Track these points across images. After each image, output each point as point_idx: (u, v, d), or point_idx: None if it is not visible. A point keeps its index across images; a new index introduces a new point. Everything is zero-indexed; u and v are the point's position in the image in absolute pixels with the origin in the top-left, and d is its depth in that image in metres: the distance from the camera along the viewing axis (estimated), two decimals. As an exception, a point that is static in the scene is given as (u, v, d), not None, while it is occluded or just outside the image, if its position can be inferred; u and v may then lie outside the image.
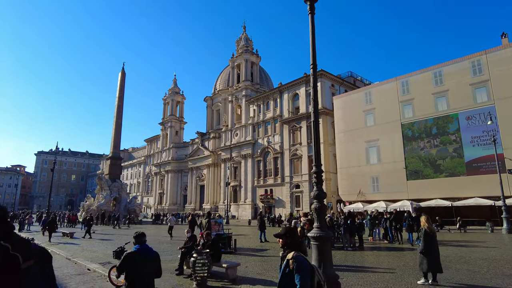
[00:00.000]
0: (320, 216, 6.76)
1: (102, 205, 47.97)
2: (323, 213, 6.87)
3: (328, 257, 6.60)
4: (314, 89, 7.40)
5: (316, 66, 7.45)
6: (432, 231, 8.86)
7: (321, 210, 6.76)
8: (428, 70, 40.06)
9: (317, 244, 6.54)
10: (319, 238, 6.50)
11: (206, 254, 8.18)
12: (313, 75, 7.42)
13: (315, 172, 6.98)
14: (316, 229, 6.68)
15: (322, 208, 6.77)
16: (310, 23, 7.49)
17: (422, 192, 37.21)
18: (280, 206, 54.49)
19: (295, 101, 56.24)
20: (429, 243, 8.58)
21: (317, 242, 6.55)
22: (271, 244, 18.81)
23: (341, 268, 10.84)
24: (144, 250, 4.69)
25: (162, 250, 16.92)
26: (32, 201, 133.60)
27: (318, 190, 6.86)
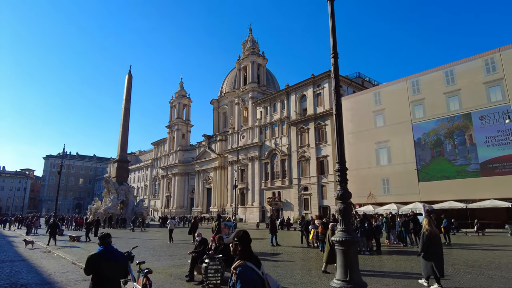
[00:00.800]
0: (345, 218, 6.17)
1: (109, 208, 47.73)
2: (349, 214, 6.27)
3: (355, 263, 6.00)
4: (336, 80, 6.84)
5: (337, 56, 6.89)
6: (433, 234, 8.56)
7: (346, 211, 6.17)
8: (439, 69, 39.15)
9: (342, 249, 5.95)
10: (346, 242, 5.91)
11: (219, 260, 7.61)
12: (334, 65, 6.88)
13: (338, 170, 6.40)
14: (342, 233, 6.08)
15: (347, 210, 6.18)
16: (330, 10, 6.94)
17: (434, 194, 36.22)
18: (288, 209, 53.74)
19: (303, 103, 55.57)
20: (428, 246, 8.33)
21: (342, 247, 5.95)
22: (283, 248, 18.16)
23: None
24: (108, 252, 4.65)
25: (171, 254, 16.43)
26: (41, 205, 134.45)
27: (342, 189, 6.27)
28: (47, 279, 10.81)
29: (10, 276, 11.24)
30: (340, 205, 6.23)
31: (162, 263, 13.32)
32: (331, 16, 7.00)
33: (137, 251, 11.82)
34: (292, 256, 14.95)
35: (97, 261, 4.54)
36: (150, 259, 14.52)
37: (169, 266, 12.52)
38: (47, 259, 15.14)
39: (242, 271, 2.80)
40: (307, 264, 12.78)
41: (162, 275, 10.36)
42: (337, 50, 6.97)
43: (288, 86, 57.74)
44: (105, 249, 4.70)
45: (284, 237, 23.99)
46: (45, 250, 19.18)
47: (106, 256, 4.60)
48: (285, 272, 10.72)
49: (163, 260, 14.07)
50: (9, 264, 13.71)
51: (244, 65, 72.61)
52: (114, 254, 4.72)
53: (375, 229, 16.14)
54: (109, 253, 4.65)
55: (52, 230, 21.59)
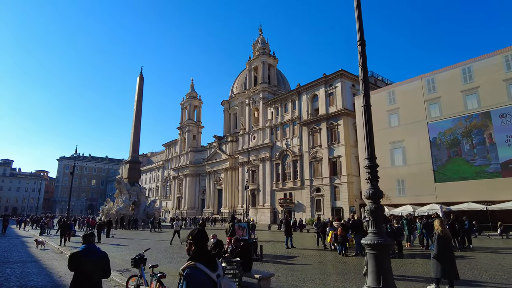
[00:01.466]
0: (377, 219, 5.61)
1: (121, 209, 47.82)
2: (380, 216, 5.70)
3: (388, 268, 5.43)
4: (363, 69, 6.30)
5: (364, 43, 6.37)
6: (447, 236, 8.38)
7: (377, 212, 5.61)
8: (456, 66, 37.98)
9: (374, 253, 5.38)
10: (378, 246, 5.34)
11: (237, 264, 7.12)
12: (361, 53, 6.34)
13: (369, 167, 5.84)
14: (373, 236, 5.52)
15: (378, 210, 5.61)
16: (356, -6, 6.39)
17: (452, 195, 35.07)
18: (300, 210, 52.98)
19: (314, 102, 54.81)
20: (442, 248, 8.11)
21: (374, 251, 5.39)
22: (299, 250, 17.53)
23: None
24: (89, 251, 4.68)
25: (184, 255, 16.02)
26: (55, 206, 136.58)
27: (373, 188, 5.71)
28: (57, 281, 10.50)
29: (20, 277, 10.98)
30: (371, 205, 5.67)
31: (175, 265, 12.89)
32: (357, 1, 6.46)
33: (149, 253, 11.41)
34: (309, 259, 14.33)
35: (78, 259, 4.56)
36: (163, 261, 14.14)
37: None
38: (58, 260, 14.90)
39: (189, 274, 2.56)
40: (326, 267, 12.16)
41: (175, 279, 9.89)
42: (364, 37, 6.44)
43: (299, 86, 57.05)
44: (86, 248, 4.72)
45: (298, 239, 23.37)
46: (57, 250, 19.03)
47: (86, 255, 4.62)
48: (305, 276, 10.14)
49: (175, 262, 13.65)
50: (21, 265, 13.51)
51: (254, 66, 72.23)
52: (94, 253, 4.73)
53: (397, 231, 15.42)
54: (89, 252, 4.67)
55: (63, 230, 21.51)
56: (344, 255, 14.96)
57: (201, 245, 2.79)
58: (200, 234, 2.86)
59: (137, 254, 7.35)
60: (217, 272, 2.71)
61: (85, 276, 4.54)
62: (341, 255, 15.08)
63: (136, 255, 7.31)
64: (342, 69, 50.43)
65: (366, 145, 6.06)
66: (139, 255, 7.28)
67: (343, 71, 50.42)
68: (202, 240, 2.82)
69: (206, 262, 2.66)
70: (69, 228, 22.77)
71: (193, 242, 2.78)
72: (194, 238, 2.80)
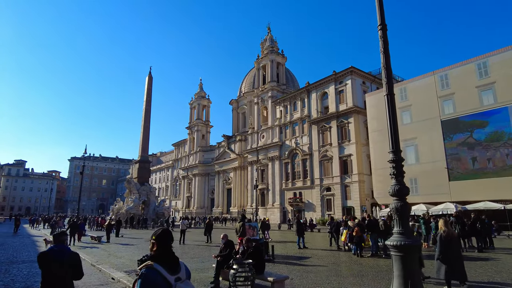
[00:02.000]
0: (403, 218, 5.11)
1: (131, 208, 47.89)
2: (407, 214, 5.20)
3: (417, 273, 4.94)
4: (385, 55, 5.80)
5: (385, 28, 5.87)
6: (450, 235, 8.09)
7: (403, 210, 5.10)
8: (470, 61, 36.91)
9: (401, 256, 4.89)
10: (405, 247, 4.85)
11: (249, 265, 6.67)
12: (382, 38, 5.85)
13: (393, 161, 5.33)
14: (399, 236, 5.02)
15: (405, 208, 5.11)
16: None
17: (467, 193, 34.06)
18: (310, 209, 52.30)
19: (324, 100, 54.04)
20: (445, 248, 7.85)
21: (401, 253, 4.89)
22: (311, 251, 16.96)
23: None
24: (59, 251, 4.48)
25: (193, 256, 15.69)
26: (67, 205, 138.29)
27: (398, 184, 5.21)
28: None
29: (26, 278, 10.75)
30: (396, 202, 5.17)
31: (184, 266, 12.53)
32: (377, -18, 5.96)
33: (157, 253, 11.05)
34: (323, 260, 13.78)
35: (46, 259, 4.36)
36: (171, 261, 13.78)
37: (192, 270, 11.54)
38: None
39: (144, 274, 2.48)
40: (342, 269, 11.61)
41: (184, 280, 9.55)
42: (385, 21, 5.93)
43: (308, 83, 56.34)
44: (56, 248, 4.53)
45: (309, 239, 22.81)
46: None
47: (55, 255, 4.41)
48: (319, 278, 9.63)
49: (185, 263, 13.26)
50: (28, 265, 13.31)
51: (263, 64, 71.71)
52: (64, 253, 4.50)
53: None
54: (58, 253, 4.47)
55: (72, 230, 21.40)
56: (359, 256, 14.38)
57: (164, 245, 2.71)
58: (163, 234, 2.78)
59: (144, 255, 6.96)
60: (177, 275, 2.61)
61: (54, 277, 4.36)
62: (356, 256, 14.51)
63: (143, 256, 6.92)
64: (352, 66, 49.63)
65: (390, 137, 5.56)
66: (147, 256, 6.90)
67: (353, 68, 49.61)
68: (165, 240, 2.74)
69: (165, 264, 2.58)
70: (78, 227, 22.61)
71: (155, 242, 2.71)
72: (157, 238, 2.72)
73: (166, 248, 2.72)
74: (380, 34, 5.90)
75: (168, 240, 2.77)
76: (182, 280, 2.63)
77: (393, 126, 5.58)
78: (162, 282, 2.48)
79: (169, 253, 2.71)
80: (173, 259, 2.70)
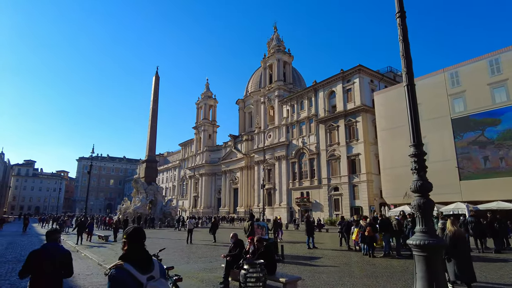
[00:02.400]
0: (426, 215, 4.79)
1: (138, 208, 47.92)
2: (430, 212, 4.88)
3: (441, 275, 4.61)
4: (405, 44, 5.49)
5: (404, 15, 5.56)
6: (456, 235, 7.94)
7: (427, 207, 4.78)
8: (482, 58, 36.13)
9: (424, 256, 4.57)
10: (429, 247, 4.53)
11: (261, 266, 6.39)
12: (401, 26, 5.55)
13: (414, 155, 5.02)
14: (422, 234, 4.70)
15: (428, 205, 4.79)
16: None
17: (478, 193, 33.30)
18: (318, 209, 51.82)
19: (331, 99, 53.51)
20: (452, 248, 7.73)
21: (424, 253, 4.57)
22: (321, 251, 16.59)
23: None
24: (52, 248, 4.47)
25: (201, 255, 15.47)
26: (75, 205, 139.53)
27: (421, 179, 4.89)
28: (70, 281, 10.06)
29: (33, 277, 10.61)
30: (418, 199, 4.85)
31: (192, 266, 12.30)
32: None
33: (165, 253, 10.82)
34: (334, 260, 13.43)
35: (38, 258, 4.30)
36: (179, 261, 13.59)
37: (200, 269, 11.47)
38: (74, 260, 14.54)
39: (113, 274, 2.42)
40: (354, 270, 11.24)
41: (192, 281, 9.29)
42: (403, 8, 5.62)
43: (315, 82, 55.86)
44: (48, 246, 4.50)
45: (318, 239, 22.44)
46: (73, 249, 18.82)
47: (47, 253, 4.38)
48: (332, 279, 9.31)
49: (192, 263, 13.05)
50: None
51: (269, 64, 71.38)
52: (55, 251, 4.47)
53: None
54: (50, 251, 4.43)
55: (80, 229, 21.35)
56: (371, 256, 14.00)
57: (135, 244, 2.64)
58: (135, 232, 2.70)
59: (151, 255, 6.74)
60: (150, 274, 2.55)
61: (45, 276, 4.30)
62: (367, 256, 14.13)
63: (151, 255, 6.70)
64: (360, 64, 49.05)
65: (411, 130, 5.25)
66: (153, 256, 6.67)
67: (361, 66, 49.03)
68: (137, 239, 2.67)
69: (137, 263, 2.52)
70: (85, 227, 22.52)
71: (126, 240, 2.64)
72: (128, 236, 2.65)
73: (137, 247, 2.65)
74: (398, 22, 5.60)
75: (139, 238, 2.69)
76: (155, 279, 2.57)
77: (414, 119, 5.28)
78: (132, 282, 2.41)
79: (141, 251, 2.65)
80: (145, 258, 2.64)
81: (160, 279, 2.65)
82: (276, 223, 22.89)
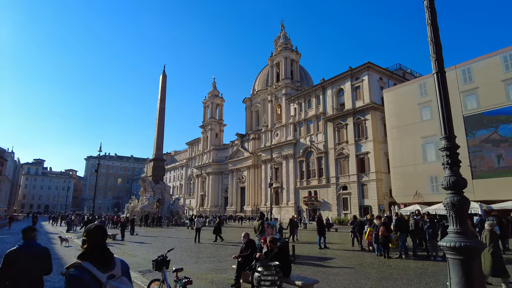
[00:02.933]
0: (461, 215, 4.34)
1: (145, 206, 47.89)
2: (465, 210, 4.42)
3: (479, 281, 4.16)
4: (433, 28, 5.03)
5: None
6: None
7: (461, 205, 4.33)
8: (495, 54, 35.22)
9: (461, 259, 4.12)
10: (466, 249, 4.08)
11: (276, 268, 5.99)
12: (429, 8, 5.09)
13: (446, 148, 4.56)
14: (457, 236, 4.25)
15: (463, 202, 4.33)
16: None
17: (492, 192, 32.44)
18: (326, 209, 51.23)
19: (340, 97, 52.83)
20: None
21: (460, 256, 4.12)
22: (333, 251, 16.10)
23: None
24: (29, 247, 4.37)
25: (209, 255, 15.12)
26: (83, 204, 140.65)
27: (454, 174, 4.44)
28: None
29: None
30: (452, 196, 4.39)
31: (201, 266, 11.94)
32: None
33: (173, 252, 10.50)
34: (347, 261, 12.93)
35: (15, 258, 4.19)
36: (188, 261, 13.26)
37: (210, 270, 11.10)
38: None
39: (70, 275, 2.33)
40: (371, 272, 10.71)
41: (202, 282, 8.92)
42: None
43: (323, 80, 55.20)
44: (26, 244, 4.38)
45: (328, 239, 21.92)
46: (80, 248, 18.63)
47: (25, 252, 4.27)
48: (349, 282, 8.83)
49: (201, 263, 12.69)
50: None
51: (276, 62, 70.85)
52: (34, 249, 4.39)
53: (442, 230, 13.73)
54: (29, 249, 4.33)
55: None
56: (386, 257, 13.50)
57: (95, 242, 2.55)
58: (95, 230, 2.60)
59: (159, 256, 6.37)
60: (110, 272, 2.47)
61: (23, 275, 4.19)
62: (382, 257, 13.62)
63: (158, 257, 6.34)
64: (368, 61, 48.34)
65: (441, 121, 4.79)
66: (162, 257, 6.30)
67: (370, 63, 48.29)
68: (97, 236, 2.58)
69: (97, 261, 2.44)
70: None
71: (86, 238, 2.56)
72: (88, 234, 2.57)
73: (98, 245, 2.56)
74: (426, 4, 5.14)
75: (100, 236, 2.61)
76: (116, 278, 2.49)
77: (446, 109, 4.81)
78: (90, 281, 2.33)
79: (101, 249, 2.56)
80: (106, 256, 2.56)
81: (121, 277, 2.55)
82: (292, 222, 21.90)
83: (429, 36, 5.06)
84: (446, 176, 4.49)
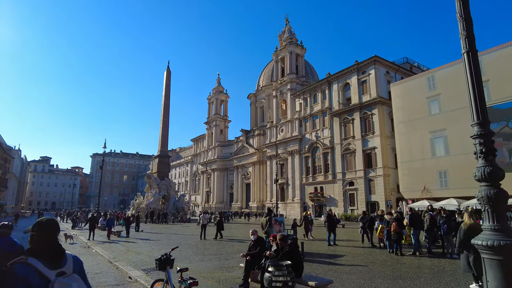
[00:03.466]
0: (498, 210, 3.87)
1: (151, 203, 47.78)
2: (503, 204, 3.95)
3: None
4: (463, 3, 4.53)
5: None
6: (471, 229, 7.61)
7: (498, 199, 3.86)
8: (506, 46, 34.31)
9: (499, 260, 3.66)
10: (505, 248, 3.61)
11: (288, 268, 5.56)
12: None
13: (479, 135, 4.09)
14: (494, 233, 3.78)
15: (501, 196, 3.86)
16: None
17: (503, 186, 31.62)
18: (332, 204, 50.66)
19: (346, 92, 52.01)
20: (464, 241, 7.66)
21: (499, 256, 3.66)
22: (343, 248, 15.62)
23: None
24: (7, 244, 4.29)
25: (215, 252, 14.76)
26: (89, 201, 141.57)
27: (489, 164, 3.97)
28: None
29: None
30: (487, 189, 3.92)
31: (207, 264, 11.55)
32: None
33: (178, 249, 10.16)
34: (359, 258, 12.44)
35: None
36: (193, 258, 12.89)
37: (216, 268, 10.72)
38: (84, 256, 13.99)
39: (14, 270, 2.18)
40: (385, 270, 10.18)
41: (209, 281, 8.52)
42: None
43: (329, 74, 54.39)
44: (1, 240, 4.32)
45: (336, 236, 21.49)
46: (85, 245, 18.40)
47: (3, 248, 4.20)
48: (364, 281, 8.35)
49: (207, 261, 12.30)
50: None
51: (281, 57, 70.03)
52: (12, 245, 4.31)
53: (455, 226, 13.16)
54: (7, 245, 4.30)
55: (92, 224, 20.97)
56: (399, 255, 13.02)
57: (44, 237, 2.43)
58: (45, 224, 2.48)
59: (162, 254, 5.96)
60: (60, 269, 2.33)
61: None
62: (395, 255, 13.13)
63: (162, 255, 5.93)
64: (375, 55, 47.41)
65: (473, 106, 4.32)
66: (165, 255, 5.89)
67: (377, 57, 47.41)
68: (46, 231, 2.45)
69: (45, 257, 2.31)
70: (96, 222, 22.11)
71: (35, 233, 2.43)
72: (37, 229, 2.43)
73: (47, 240, 2.43)
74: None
75: (49, 231, 2.47)
76: (66, 275, 2.34)
77: (478, 91, 4.34)
78: (37, 279, 2.20)
79: (51, 245, 2.42)
80: (56, 252, 2.42)
81: (72, 274, 2.40)
82: (306, 219, 20.65)
83: (458, 12, 4.57)
84: (479, 167, 4.02)
